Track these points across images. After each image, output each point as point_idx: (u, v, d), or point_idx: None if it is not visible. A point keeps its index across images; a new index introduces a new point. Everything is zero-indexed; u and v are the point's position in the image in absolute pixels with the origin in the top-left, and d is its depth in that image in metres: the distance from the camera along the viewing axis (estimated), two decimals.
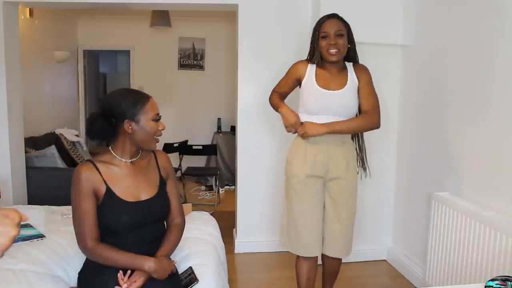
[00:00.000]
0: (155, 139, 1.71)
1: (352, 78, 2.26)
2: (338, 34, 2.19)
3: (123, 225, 1.65)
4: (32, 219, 2.44)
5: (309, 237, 2.27)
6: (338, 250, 2.35)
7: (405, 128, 3.25)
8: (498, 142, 2.25)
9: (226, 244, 2.59)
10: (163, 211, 1.78)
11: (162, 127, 1.70)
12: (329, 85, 2.22)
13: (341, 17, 2.27)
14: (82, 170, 1.65)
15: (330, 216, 2.30)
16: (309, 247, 2.29)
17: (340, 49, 2.19)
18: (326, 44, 2.19)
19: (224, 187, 5.71)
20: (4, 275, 1.78)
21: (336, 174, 2.25)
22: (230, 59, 6.17)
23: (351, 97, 2.23)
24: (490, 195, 2.31)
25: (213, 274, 1.94)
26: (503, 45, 2.21)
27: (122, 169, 1.70)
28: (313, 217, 2.27)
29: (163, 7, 5.03)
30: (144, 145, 1.70)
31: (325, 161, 2.24)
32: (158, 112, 1.70)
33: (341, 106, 2.21)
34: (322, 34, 2.21)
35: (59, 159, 4.00)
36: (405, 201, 3.26)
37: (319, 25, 2.25)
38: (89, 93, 6.74)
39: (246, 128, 3.52)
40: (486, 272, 2.12)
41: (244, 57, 3.44)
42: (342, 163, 2.26)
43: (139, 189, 1.71)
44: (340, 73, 2.26)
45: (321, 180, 2.28)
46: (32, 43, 4.58)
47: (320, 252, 2.35)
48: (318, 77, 2.24)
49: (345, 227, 2.31)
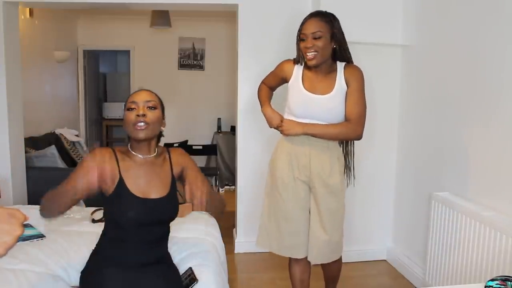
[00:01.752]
0: (135, 128, 1.63)
1: (340, 82, 2.09)
2: (315, 36, 2.02)
3: (128, 220, 1.64)
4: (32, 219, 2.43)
5: (291, 239, 2.21)
6: (319, 257, 2.23)
7: (405, 128, 3.25)
8: (498, 142, 2.25)
9: (226, 244, 2.59)
10: (170, 212, 1.75)
11: (137, 112, 1.63)
12: (316, 89, 2.10)
13: (325, 15, 2.09)
14: (99, 152, 1.66)
15: (314, 221, 2.20)
16: (292, 248, 2.23)
17: (318, 51, 2.03)
18: (304, 46, 2.06)
19: (224, 187, 5.71)
20: (4, 275, 1.78)
21: (319, 180, 2.14)
22: (230, 59, 6.16)
23: (338, 103, 2.08)
24: (490, 195, 2.31)
25: (213, 274, 1.94)
26: (503, 45, 2.21)
27: (136, 163, 1.70)
28: (297, 221, 2.19)
29: (163, 7, 5.03)
30: (132, 136, 1.67)
31: (307, 165, 2.14)
32: (133, 100, 1.65)
33: (326, 112, 2.08)
34: (301, 35, 2.08)
35: (59, 159, 4.00)
36: (405, 201, 3.25)
37: (301, 24, 2.10)
38: (89, 93, 6.75)
39: (246, 128, 3.52)
40: (486, 272, 2.12)
41: (244, 57, 3.44)
42: (326, 167, 2.14)
43: (149, 187, 1.70)
44: (327, 76, 2.11)
45: (305, 184, 2.19)
46: (32, 43, 4.58)
47: (304, 254, 2.25)
48: (304, 78, 2.13)
49: (330, 237, 2.18)
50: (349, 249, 3.34)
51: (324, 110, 2.08)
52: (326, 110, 2.08)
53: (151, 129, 1.66)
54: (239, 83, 3.49)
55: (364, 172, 3.35)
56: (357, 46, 3.19)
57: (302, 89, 2.11)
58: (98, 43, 6.49)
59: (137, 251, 1.69)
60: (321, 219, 2.17)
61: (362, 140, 3.34)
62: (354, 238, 3.38)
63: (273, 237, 2.25)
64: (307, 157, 2.14)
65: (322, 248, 2.19)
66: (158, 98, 1.73)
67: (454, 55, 2.63)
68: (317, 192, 2.17)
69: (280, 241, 2.23)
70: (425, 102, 2.96)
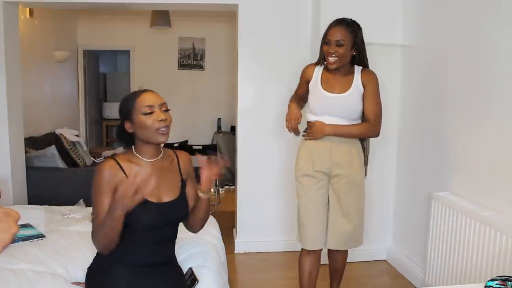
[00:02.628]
0: (158, 132, 1.63)
1: (357, 83, 2.30)
2: (338, 43, 2.22)
3: (142, 225, 1.63)
4: (32, 219, 2.44)
5: (312, 230, 2.34)
6: (340, 244, 2.39)
7: (405, 128, 3.25)
8: (498, 142, 2.25)
9: (226, 244, 2.59)
10: (182, 214, 1.76)
11: (158, 117, 1.62)
12: (334, 89, 2.29)
13: (351, 24, 2.27)
14: (105, 168, 1.62)
15: (334, 211, 2.35)
16: (313, 239, 2.35)
17: (339, 57, 2.23)
18: (327, 50, 2.26)
19: (224, 187, 5.71)
20: (4, 275, 1.78)
21: (339, 171, 2.31)
22: (230, 59, 6.16)
23: (354, 101, 2.29)
24: (490, 195, 2.31)
25: (213, 275, 1.94)
26: (503, 44, 2.21)
27: (144, 168, 1.68)
28: (315, 211, 2.34)
29: (163, 7, 5.03)
30: (150, 141, 1.65)
31: (328, 158, 2.30)
32: (149, 104, 1.63)
33: (343, 109, 2.28)
34: (326, 40, 2.27)
35: (59, 159, 3.99)
36: (405, 201, 3.26)
37: (327, 29, 2.29)
38: (89, 93, 6.75)
39: (246, 128, 3.52)
40: (486, 272, 2.12)
41: (244, 57, 3.44)
42: (345, 159, 2.31)
43: (161, 190, 1.69)
44: (345, 77, 2.31)
45: (326, 176, 2.34)
46: (32, 43, 4.58)
47: (322, 245, 2.39)
48: (323, 80, 2.32)
49: (353, 225, 2.36)
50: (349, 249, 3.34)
51: (341, 106, 2.28)
52: (343, 107, 2.28)
53: (169, 132, 1.68)
54: (239, 83, 3.49)
55: None
56: None
57: (320, 89, 2.31)
58: (98, 43, 6.49)
59: (145, 252, 1.68)
60: (342, 209, 2.33)
61: None
62: None
63: (301, 230, 2.39)
64: (327, 150, 2.30)
65: (343, 236, 2.36)
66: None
67: (454, 55, 2.63)
68: (339, 183, 2.33)
69: (304, 234, 2.36)
70: (425, 102, 2.96)
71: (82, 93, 6.51)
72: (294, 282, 3.01)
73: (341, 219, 2.34)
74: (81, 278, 1.86)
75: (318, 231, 2.35)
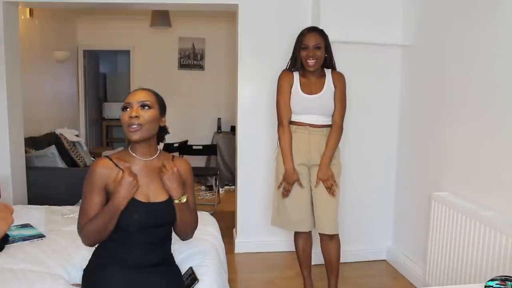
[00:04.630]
0: (128, 129, 1.63)
1: (329, 84, 2.60)
2: (316, 46, 2.51)
3: (132, 224, 1.64)
4: (32, 219, 2.45)
5: (298, 217, 2.64)
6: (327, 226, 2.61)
7: (405, 128, 3.25)
8: (498, 142, 2.25)
9: (226, 244, 2.59)
10: (171, 217, 1.74)
11: (130, 113, 1.62)
12: (311, 91, 2.58)
13: (321, 31, 2.57)
14: (98, 165, 1.64)
15: (316, 196, 2.60)
16: (299, 223, 2.65)
17: (317, 59, 2.52)
18: (306, 55, 2.52)
19: (224, 187, 5.71)
20: (4, 275, 1.78)
21: (318, 161, 2.58)
22: (230, 59, 6.16)
23: (328, 99, 2.59)
24: (490, 195, 2.31)
25: (213, 274, 1.94)
26: (503, 45, 2.21)
27: (137, 167, 1.69)
28: (301, 198, 2.61)
29: (163, 7, 5.03)
30: (127, 137, 1.66)
31: (307, 149, 2.58)
32: (127, 101, 1.64)
33: (319, 107, 2.58)
34: (303, 46, 2.53)
35: (59, 159, 3.99)
36: (405, 201, 3.26)
37: (301, 36, 2.56)
38: (89, 93, 6.75)
39: (246, 128, 3.52)
40: (486, 272, 2.12)
41: (244, 57, 3.44)
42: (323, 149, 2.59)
43: (151, 190, 1.69)
44: (318, 79, 2.60)
45: (307, 168, 2.61)
46: (32, 43, 4.58)
47: (309, 228, 2.67)
48: (302, 84, 2.59)
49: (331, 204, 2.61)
50: (349, 249, 3.34)
51: (318, 106, 2.58)
52: (319, 106, 2.58)
53: (146, 130, 1.64)
54: (239, 83, 3.49)
55: (364, 172, 3.36)
56: (357, 46, 3.20)
57: (301, 93, 2.58)
58: (98, 43, 6.48)
59: (140, 252, 1.68)
60: (323, 196, 2.58)
61: (362, 140, 3.37)
62: (354, 238, 3.38)
63: (283, 216, 2.67)
64: (307, 144, 2.58)
65: (328, 219, 2.60)
66: (155, 97, 1.71)
67: (454, 55, 2.63)
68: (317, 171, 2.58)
69: (288, 218, 2.65)
70: (425, 102, 2.96)
71: (82, 93, 6.51)
72: (294, 282, 3.02)
73: (324, 204, 2.59)
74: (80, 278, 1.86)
75: (305, 216, 2.64)
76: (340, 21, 3.16)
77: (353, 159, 3.31)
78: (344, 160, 3.40)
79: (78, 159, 4.44)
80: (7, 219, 1.02)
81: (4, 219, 1.01)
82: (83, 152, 4.66)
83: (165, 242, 1.79)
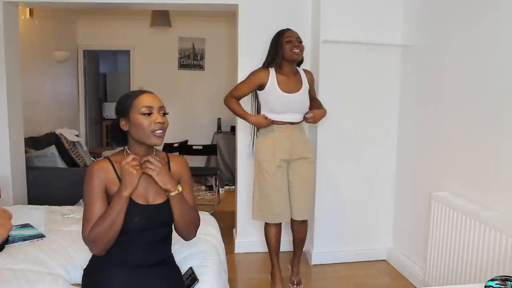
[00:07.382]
0: (153, 134, 1.63)
1: (304, 82, 2.80)
2: (299, 40, 2.73)
3: (131, 226, 1.64)
4: (32, 219, 2.44)
5: (280, 208, 2.80)
6: (303, 214, 2.85)
7: (405, 128, 3.25)
8: (498, 142, 2.25)
9: (226, 244, 2.59)
10: (171, 217, 1.73)
11: (156, 119, 1.63)
12: (289, 89, 2.72)
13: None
14: (96, 167, 1.64)
15: (297, 188, 2.80)
16: (281, 215, 2.82)
17: (301, 50, 2.73)
18: (291, 46, 2.69)
19: (224, 187, 5.71)
20: (3, 275, 1.78)
21: (299, 155, 2.78)
22: (230, 59, 6.16)
23: (306, 98, 2.78)
24: (490, 195, 2.31)
25: (213, 274, 1.94)
26: (503, 45, 2.21)
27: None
28: (282, 192, 2.80)
29: (163, 7, 5.03)
30: (144, 141, 1.65)
31: (289, 146, 2.75)
32: (148, 105, 1.63)
33: (300, 104, 2.75)
34: (287, 39, 2.70)
35: (59, 159, 3.99)
36: (405, 201, 3.26)
37: (282, 33, 2.74)
38: (89, 93, 6.75)
39: (246, 128, 3.51)
40: (486, 272, 2.12)
41: (244, 57, 3.44)
42: (303, 145, 2.81)
43: (149, 192, 1.69)
44: (295, 77, 2.78)
45: (286, 162, 2.79)
46: (32, 43, 4.58)
47: (288, 218, 2.87)
48: (279, 82, 2.71)
49: (311, 198, 2.91)
50: (349, 249, 3.34)
51: (298, 103, 2.75)
52: (300, 103, 2.76)
53: (164, 136, 1.67)
54: None
55: (364, 171, 3.36)
56: (357, 46, 3.20)
57: (279, 91, 2.70)
58: (98, 43, 6.49)
59: (140, 252, 1.68)
60: (303, 185, 2.81)
61: (362, 140, 3.36)
62: (354, 238, 3.38)
63: (266, 210, 2.82)
64: (289, 140, 2.75)
65: (304, 207, 2.85)
66: None
67: (454, 55, 2.63)
68: (299, 164, 2.80)
69: (271, 212, 2.81)
70: (425, 102, 2.96)
71: (82, 93, 6.51)
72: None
73: (304, 195, 2.82)
74: (80, 278, 1.86)
75: (285, 208, 2.82)
76: (340, 21, 3.17)
77: (353, 159, 3.32)
78: (344, 160, 3.40)
79: (78, 159, 4.45)
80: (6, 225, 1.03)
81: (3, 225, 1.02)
82: (83, 152, 4.66)
83: (165, 242, 1.79)
